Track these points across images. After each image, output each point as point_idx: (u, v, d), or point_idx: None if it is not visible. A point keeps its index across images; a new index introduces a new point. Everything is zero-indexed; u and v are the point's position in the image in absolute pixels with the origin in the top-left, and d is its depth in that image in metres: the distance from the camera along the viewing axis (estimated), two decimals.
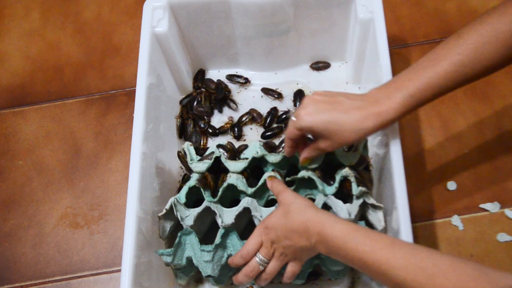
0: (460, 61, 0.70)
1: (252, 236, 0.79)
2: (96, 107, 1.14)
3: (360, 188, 0.80)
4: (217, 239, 0.83)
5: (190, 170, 0.89)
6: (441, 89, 0.71)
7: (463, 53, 0.70)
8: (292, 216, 0.74)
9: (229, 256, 0.84)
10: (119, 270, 0.80)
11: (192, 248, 0.85)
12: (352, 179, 0.81)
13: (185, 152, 0.90)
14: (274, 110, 1.07)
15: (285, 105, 1.08)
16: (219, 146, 0.91)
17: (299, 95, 1.07)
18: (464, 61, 0.70)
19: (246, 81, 1.10)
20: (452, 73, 0.70)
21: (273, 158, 0.88)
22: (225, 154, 0.89)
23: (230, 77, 1.11)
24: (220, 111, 1.09)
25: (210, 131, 1.06)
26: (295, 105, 1.07)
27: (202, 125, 1.06)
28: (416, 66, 0.72)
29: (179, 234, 0.84)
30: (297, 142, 0.81)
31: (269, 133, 1.04)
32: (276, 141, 1.03)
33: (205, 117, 1.06)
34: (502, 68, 0.72)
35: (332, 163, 0.86)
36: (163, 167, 0.95)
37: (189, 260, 0.86)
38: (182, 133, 1.07)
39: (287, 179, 0.86)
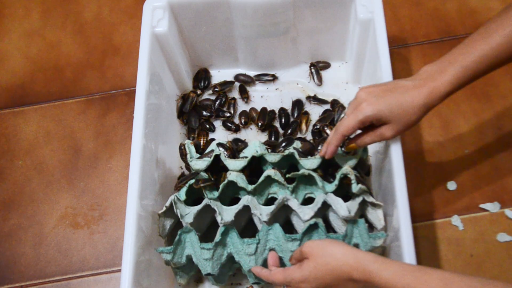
0: None
1: (275, 280, 0.76)
2: (96, 107, 1.14)
3: (360, 185, 0.80)
4: (217, 237, 0.83)
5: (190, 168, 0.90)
6: (495, 61, 0.72)
7: None
8: (331, 267, 0.69)
9: (229, 254, 0.85)
10: (119, 270, 0.80)
11: (192, 246, 0.85)
12: (352, 176, 0.82)
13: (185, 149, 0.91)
14: (272, 112, 1.07)
15: (286, 105, 1.08)
16: (219, 144, 0.91)
17: (297, 105, 1.07)
18: None
19: (274, 77, 1.10)
20: (505, 45, 0.71)
21: (272, 157, 0.88)
22: (225, 152, 0.89)
23: (258, 77, 1.11)
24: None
25: (207, 126, 1.07)
26: (292, 114, 1.06)
27: (205, 113, 1.07)
28: (468, 41, 0.73)
29: (179, 232, 0.84)
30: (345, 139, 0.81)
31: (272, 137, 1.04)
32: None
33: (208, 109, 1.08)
34: None
35: (332, 164, 0.87)
36: (164, 166, 0.95)
37: (189, 258, 0.86)
38: (181, 112, 1.07)
39: (288, 175, 0.86)
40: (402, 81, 0.76)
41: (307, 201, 0.88)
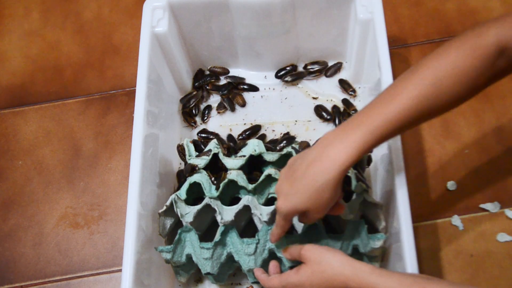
0: (418, 96, 0.66)
1: (271, 286, 0.77)
2: (96, 107, 1.14)
3: (360, 183, 0.80)
4: (217, 237, 0.83)
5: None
6: (402, 124, 0.67)
7: (420, 88, 0.66)
8: (326, 275, 0.69)
9: (229, 253, 0.85)
10: (119, 270, 0.80)
11: (191, 245, 0.85)
12: (352, 175, 0.82)
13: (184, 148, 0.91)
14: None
15: (286, 105, 1.08)
16: (218, 140, 0.91)
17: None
18: (421, 96, 0.66)
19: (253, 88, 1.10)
20: (411, 109, 0.67)
21: (270, 156, 0.88)
22: (222, 147, 0.90)
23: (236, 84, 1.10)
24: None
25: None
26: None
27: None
28: (375, 102, 0.69)
29: (179, 231, 0.84)
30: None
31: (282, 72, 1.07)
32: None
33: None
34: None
35: None
36: (164, 165, 0.96)
37: (189, 257, 0.86)
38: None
39: None
40: (303, 178, 0.69)
41: None
